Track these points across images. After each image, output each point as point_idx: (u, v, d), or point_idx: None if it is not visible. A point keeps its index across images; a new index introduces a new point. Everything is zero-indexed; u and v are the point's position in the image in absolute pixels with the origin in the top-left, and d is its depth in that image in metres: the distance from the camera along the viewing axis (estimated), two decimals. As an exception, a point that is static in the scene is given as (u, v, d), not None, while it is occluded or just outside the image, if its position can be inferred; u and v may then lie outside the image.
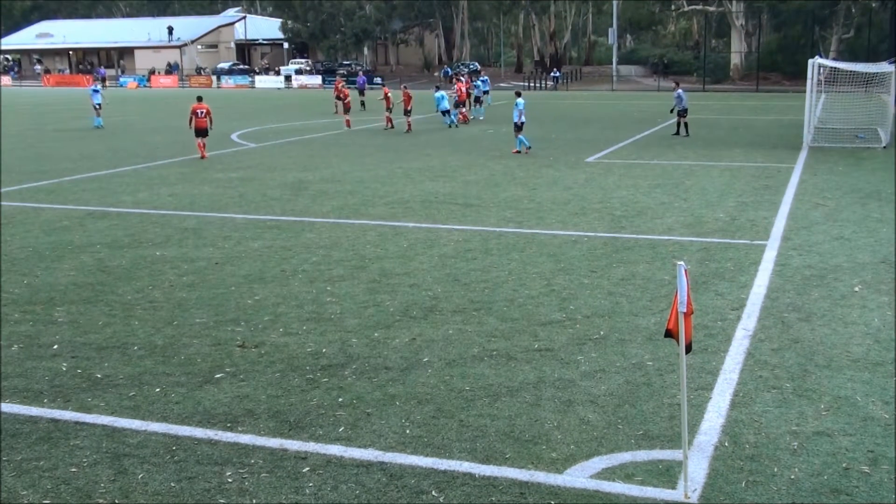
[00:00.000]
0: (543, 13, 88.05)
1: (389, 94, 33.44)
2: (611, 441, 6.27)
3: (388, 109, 33.13)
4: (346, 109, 34.83)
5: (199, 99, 24.09)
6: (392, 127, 32.87)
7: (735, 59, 73.00)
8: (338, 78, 51.57)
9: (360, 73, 55.50)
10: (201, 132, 23.53)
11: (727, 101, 50.46)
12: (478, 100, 38.85)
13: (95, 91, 35.28)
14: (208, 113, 23.58)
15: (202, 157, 23.61)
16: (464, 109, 35.56)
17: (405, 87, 33.57)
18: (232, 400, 7.08)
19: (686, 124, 29.50)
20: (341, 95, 36.72)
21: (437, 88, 35.50)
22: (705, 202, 16.20)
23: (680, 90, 29.67)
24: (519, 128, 24.32)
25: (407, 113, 32.17)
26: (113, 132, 32.89)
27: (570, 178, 19.53)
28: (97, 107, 34.65)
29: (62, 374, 7.68)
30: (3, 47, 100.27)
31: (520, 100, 24.70)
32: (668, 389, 7.18)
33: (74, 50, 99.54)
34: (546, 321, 9.06)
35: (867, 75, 28.84)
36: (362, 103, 43.38)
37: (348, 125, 33.39)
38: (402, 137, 29.69)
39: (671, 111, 30.15)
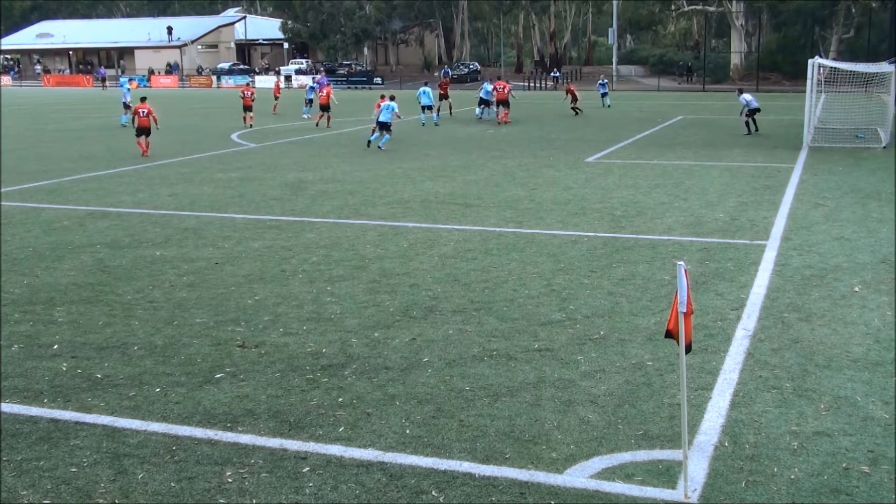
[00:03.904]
0: (543, 13, 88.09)
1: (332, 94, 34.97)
2: (611, 441, 6.27)
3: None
4: (246, 108, 34.22)
5: (143, 100, 25.68)
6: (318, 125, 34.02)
7: (735, 59, 73.01)
8: (273, 81, 50.13)
9: (323, 72, 55.41)
10: (144, 131, 24.65)
11: (727, 101, 50.34)
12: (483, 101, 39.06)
13: (128, 90, 35.73)
14: (150, 113, 24.76)
15: (143, 155, 24.35)
16: (506, 110, 35.30)
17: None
18: (232, 400, 7.08)
19: (754, 121, 30.12)
20: (275, 95, 37.43)
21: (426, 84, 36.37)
22: (705, 202, 16.20)
23: (745, 95, 30.51)
24: (384, 126, 25.44)
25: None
26: (113, 132, 32.89)
27: (570, 178, 19.54)
28: (127, 105, 34.53)
29: (62, 374, 7.68)
30: (3, 47, 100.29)
31: (392, 102, 25.83)
32: (668, 389, 7.18)
33: (74, 50, 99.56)
34: (546, 321, 9.06)
35: (867, 75, 28.83)
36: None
37: (244, 122, 34.18)
38: (402, 138, 29.67)
39: (741, 113, 30.78)
